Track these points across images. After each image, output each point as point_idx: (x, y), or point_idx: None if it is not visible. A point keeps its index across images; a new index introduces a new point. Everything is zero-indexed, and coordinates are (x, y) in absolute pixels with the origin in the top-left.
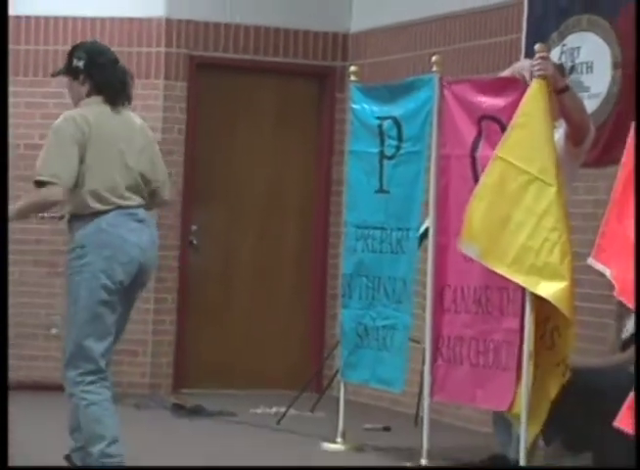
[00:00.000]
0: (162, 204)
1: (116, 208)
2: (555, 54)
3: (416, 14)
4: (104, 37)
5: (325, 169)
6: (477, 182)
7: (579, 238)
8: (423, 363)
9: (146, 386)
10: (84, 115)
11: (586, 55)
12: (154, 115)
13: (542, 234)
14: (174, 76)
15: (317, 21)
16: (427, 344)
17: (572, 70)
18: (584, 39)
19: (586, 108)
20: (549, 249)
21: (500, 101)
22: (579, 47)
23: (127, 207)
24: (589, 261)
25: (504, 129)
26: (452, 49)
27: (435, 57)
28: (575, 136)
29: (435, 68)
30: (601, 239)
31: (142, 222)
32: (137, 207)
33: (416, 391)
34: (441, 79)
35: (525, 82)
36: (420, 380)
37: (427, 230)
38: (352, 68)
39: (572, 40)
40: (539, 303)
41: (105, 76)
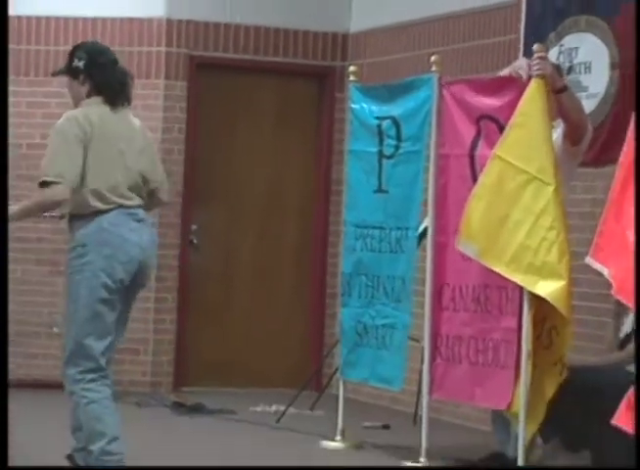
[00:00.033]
0: (160, 204)
1: (118, 207)
2: (553, 54)
3: (415, 14)
4: (104, 37)
5: (325, 169)
6: (475, 181)
7: (577, 237)
8: (422, 362)
9: (147, 384)
10: (86, 114)
11: (584, 55)
12: (154, 114)
13: (540, 233)
14: (174, 76)
15: (317, 21)
16: (426, 342)
17: (571, 71)
18: (583, 40)
19: (584, 108)
20: (547, 248)
21: (498, 101)
22: (578, 47)
23: (128, 206)
24: (587, 260)
25: (502, 129)
26: (452, 49)
27: (435, 57)
28: (573, 136)
29: (435, 67)
30: (599, 238)
31: (142, 222)
32: (137, 207)
33: (415, 389)
34: (440, 79)
35: (522, 81)
36: (419, 378)
37: (426, 229)
38: (352, 68)
39: (571, 40)
40: (537, 302)
41: (105, 77)
